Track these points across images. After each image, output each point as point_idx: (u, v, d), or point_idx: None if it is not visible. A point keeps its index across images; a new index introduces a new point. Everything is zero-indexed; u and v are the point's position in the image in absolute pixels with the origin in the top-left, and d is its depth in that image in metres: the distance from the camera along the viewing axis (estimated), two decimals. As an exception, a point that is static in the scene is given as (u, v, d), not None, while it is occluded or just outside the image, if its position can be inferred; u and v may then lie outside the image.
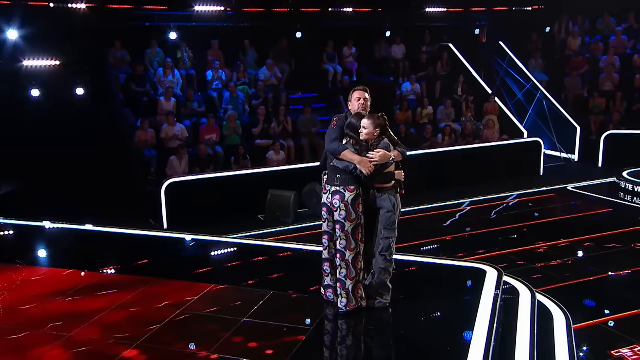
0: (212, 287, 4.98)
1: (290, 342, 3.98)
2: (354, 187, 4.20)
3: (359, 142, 4.25)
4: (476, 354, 3.78)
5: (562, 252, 6.81)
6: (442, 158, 10.23)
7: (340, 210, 4.20)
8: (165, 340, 4.09)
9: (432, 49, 13.90)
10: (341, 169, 4.22)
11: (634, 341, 4.62)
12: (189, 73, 11.42)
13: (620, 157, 10.90)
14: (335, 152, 4.22)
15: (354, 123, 4.29)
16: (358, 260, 4.27)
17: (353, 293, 4.28)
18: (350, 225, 4.20)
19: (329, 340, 4.22)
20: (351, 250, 4.23)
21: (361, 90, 4.50)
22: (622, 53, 13.58)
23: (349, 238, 4.22)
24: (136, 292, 4.90)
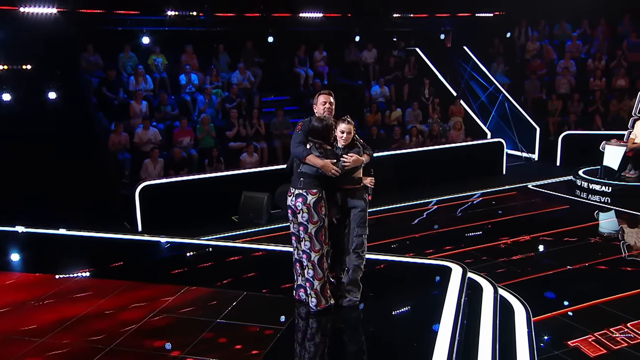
0: (186, 288, 4.93)
1: (263, 342, 3.97)
2: (316, 190, 4.19)
3: (322, 145, 4.25)
4: (441, 348, 3.83)
5: (523, 247, 6.93)
6: (410, 158, 10.32)
7: (303, 213, 4.20)
8: (140, 342, 4.03)
9: (401, 54, 14.04)
10: (306, 173, 4.21)
11: (588, 331, 4.75)
12: (162, 76, 11.28)
13: (576, 156, 11.14)
14: (300, 155, 4.22)
15: (317, 126, 4.26)
16: (324, 261, 4.27)
17: (322, 293, 4.29)
18: (313, 227, 4.20)
19: (301, 339, 4.22)
20: (316, 251, 4.24)
21: (326, 94, 4.49)
22: (577, 57, 13.94)
23: (312, 240, 4.22)
24: (110, 296, 4.82)
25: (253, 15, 12.19)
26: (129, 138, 9.72)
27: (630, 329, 4.77)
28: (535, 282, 5.93)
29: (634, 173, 9.50)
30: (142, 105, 10.26)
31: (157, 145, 9.59)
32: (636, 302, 5.33)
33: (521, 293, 5.28)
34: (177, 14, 11.05)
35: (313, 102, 4.56)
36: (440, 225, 8.14)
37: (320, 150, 4.22)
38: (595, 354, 4.43)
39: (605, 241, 7.50)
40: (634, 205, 8.68)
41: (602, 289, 5.61)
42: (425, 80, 13.22)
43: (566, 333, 4.77)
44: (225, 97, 11.23)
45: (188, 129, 10.14)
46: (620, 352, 4.44)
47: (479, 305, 4.75)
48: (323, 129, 4.26)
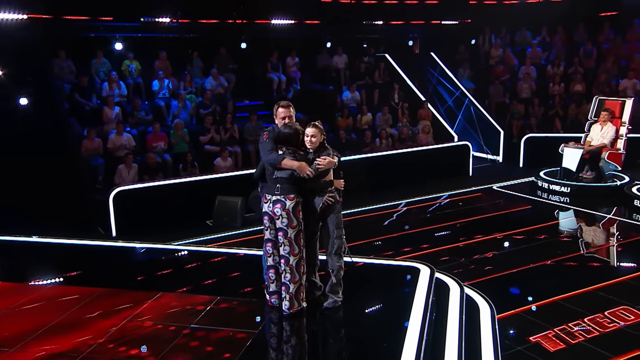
0: (160, 294, 4.87)
1: (236, 346, 3.95)
2: (293, 196, 4.22)
3: (295, 151, 4.25)
4: (410, 348, 3.88)
5: (487, 246, 7.02)
6: (381, 161, 10.38)
7: (282, 218, 4.21)
8: (114, 349, 3.96)
9: (371, 60, 14.15)
10: (282, 178, 4.22)
11: (548, 327, 4.86)
12: (136, 82, 11.12)
13: (538, 158, 11.32)
14: (275, 161, 4.20)
15: (287, 133, 4.25)
16: (301, 265, 4.29)
17: (296, 296, 4.30)
18: (292, 232, 4.22)
19: (274, 342, 4.21)
20: (295, 255, 4.25)
21: (286, 108, 4.43)
22: (537, 63, 14.26)
23: (292, 244, 4.24)
24: (83, 303, 4.73)
25: (227, 22, 12.13)
26: (103, 144, 9.55)
27: (587, 324, 4.90)
28: (499, 280, 6.00)
29: (591, 174, 9.75)
30: (115, 111, 10.09)
31: (131, 151, 9.45)
32: (593, 297, 5.47)
33: (486, 291, 5.38)
34: (150, 20, 10.90)
35: (273, 113, 4.53)
36: (409, 226, 8.20)
37: (294, 155, 4.22)
38: (555, 348, 4.54)
39: (564, 239, 7.68)
40: (590, 204, 8.92)
41: (562, 286, 5.72)
42: (395, 85, 13.37)
43: (528, 329, 4.86)
44: (199, 103, 11.14)
45: (162, 134, 10.01)
46: (578, 346, 4.56)
47: (446, 305, 4.83)
48: (293, 135, 4.26)
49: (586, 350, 4.50)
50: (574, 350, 4.51)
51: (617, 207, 8.79)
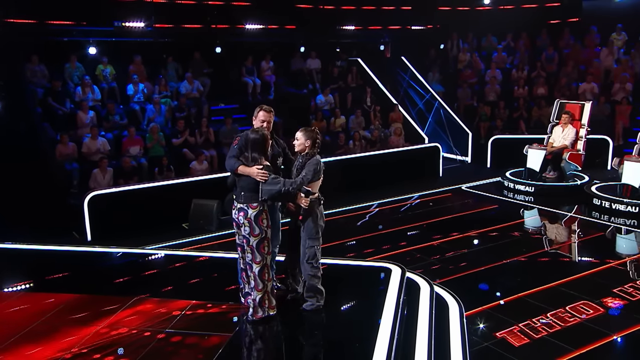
0: (135, 299, 4.81)
1: (211, 349, 3.92)
2: (256, 205, 4.17)
3: (260, 160, 4.19)
4: (381, 347, 3.91)
5: (456, 245, 7.11)
6: (354, 163, 10.39)
7: (245, 227, 4.19)
8: (90, 355, 3.89)
9: (344, 64, 14.20)
10: (245, 186, 4.16)
11: (513, 323, 4.96)
12: (110, 86, 10.93)
13: (504, 158, 11.47)
14: (232, 168, 4.22)
15: (253, 138, 4.19)
16: (265, 273, 4.25)
17: (260, 304, 4.27)
18: (254, 240, 4.18)
19: (248, 345, 4.20)
20: (257, 263, 4.22)
21: (268, 113, 4.48)
22: (502, 67, 14.54)
23: (254, 252, 4.21)
24: (59, 309, 4.63)
25: (201, 26, 12.03)
26: (77, 148, 9.35)
27: (549, 318, 5.03)
28: (468, 278, 6.09)
29: (553, 174, 9.99)
30: (90, 115, 9.90)
31: (106, 155, 9.27)
32: (555, 293, 5.60)
33: (455, 289, 5.45)
34: (124, 25, 10.72)
35: (253, 115, 4.54)
36: (381, 227, 8.22)
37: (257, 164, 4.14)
38: (520, 343, 4.64)
39: (529, 237, 7.84)
40: (553, 203, 9.13)
41: (527, 282, 5.84)
42: (367, 88, 13.44)
43: (494, 325, 4.95)
44: (174, 107, 11.01)
45: (137, 138, 9.86)
46: (541, 341, 4.67)
47: (417, 304, 4.88)
48: (259, 140, 4.20)
49: (549, 344, 4.62)
50: (537, 344, 4.62)
51: (578, 205, 9.00)
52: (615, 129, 12.30)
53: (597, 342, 4.64)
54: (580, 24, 15.02)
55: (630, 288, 5.67)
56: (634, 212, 8.24)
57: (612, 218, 8.29)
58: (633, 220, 8.09)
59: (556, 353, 4.46)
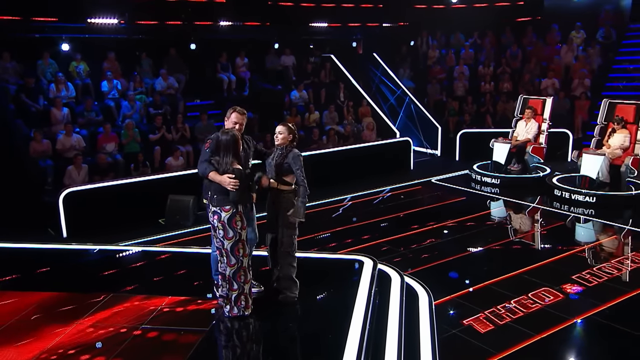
0: (111, 295, 4.73)
1: (186, 345, 3.89)
2: (229, 207, 4.10)
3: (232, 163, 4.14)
4: (354, 337, 3.95)
5: (426, 237, 7.19)
6: (328, 158, 10.37)
7: (219, 230, 4.14)
8: (64, 352, 3.82)
9: (317, 60, 14.16)
10: (218, 190, 4.10)
11: (479, 310, 5.06)
12: (84, 83, 10.66)
13: (472, 151, 11.63)
14: (203, 173, 4.17)
15: (224, 139, 4.12)
16: (240, 275, 4.19)
17: (235, 303, 4.24)
18: (228, 243, 4.13)
19: (223, 341, 4.18)
20: (231, 266, 4.16)
21: (240, 115, 4.41)
22: (470, 64, 14.73)
23: (228, 255, 4.16)
24: (32, 307, 4.52)
25: (175, 23, 11.82)
26: (51, 145, 9.11)
27: (513, 305, 5.15)
28: (437, 268, 6.15)
29: (517, 166, 10.20)
30: (64, 112, 9.65)
31: (81, 152, 9.06)
32: (518, 280, 5.72)
33: (424, 279, 5.53)
34: (97, 21, 10.45)
35: (226, 116, 4.47)
36: (353, 220, 8.23)
37: (227, 168, 4.09)
38: (485, 330, 4.74)
39: (495, 227, 8.00)
40: (517, 194, 9.32)
41: (492, 271, 5.94)
42: (340, 84, 13.45)
43: (462, 313, 5.04)
44: (149, 103, 10.81)
45: (112, 134, 9.66)
46: (505, 327, 4.78)
47: (388, 294, 4.93)
48: (230, 141, 4.13)
49: (512, 329, 4.72)
50: (501, 330, 4.72)
51: (540, 196, 9.20)
52: (575, 123, 12.62)
53: (557, 326, 4.76)
54: (542, 22, 15.31)
55: (587, 274, 5.84)
56: (592, 202, 8.48)
57: (572, 208, 8.51)
58: (591, 210, 8.32)
59: (519, 338, 4.57)
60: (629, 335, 4.63)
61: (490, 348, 4.42)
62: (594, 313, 5.00)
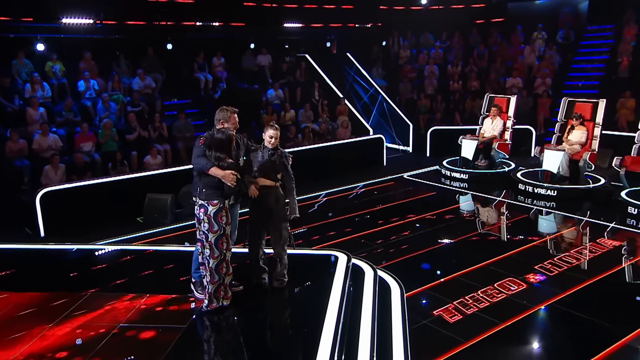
0: (89, 294, 4.63)
1: (165, 343, 3.84)
2: (217, 201, 4.12)
3: (225, 159, 4.15)
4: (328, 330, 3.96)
5: (398, 231, 7.24)
6: (304, 155, 10.29)
7: (204, 223, 4.13)
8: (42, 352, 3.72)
9: (293, 60, 14.10)
10: (207, 184, 4.10)
11: (448, 301, 5.13)
12: (60, 82, 10.37)
13: (442, 148, 11.75)
14: (203, 168, 4.13)
15: (220, 138, 4.14)
16: (221, 267, 4.20)
17: (215, 295, 4.23)
18: (213, 236, 4.13)
19: (201, 337, 4.14)
20: (214, 258, 4.17)
21: (233, 114, 4.44)
22: (439, 63, 14.88)
23: (212, 247, 4.15)
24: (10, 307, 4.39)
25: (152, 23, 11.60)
26: (28, 145, 8.84)
27: (479, 295, 5.24)
28: (409, 261, 6.21)
29: (484, 162, 10.36)
30: (39, 112, 9.37)
31: (58, 151, 8.82)
32: (485, 272, 5.82)
33: (396, 272, 5.57)
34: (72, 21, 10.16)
35: (221, 119, 4.42)
36: (329, 215, 8.23)
37: (223, 164, 4.12)
38: (454, 319, 4.81)
39: (463, 221, 8.11)
40: (485, 189, 9.48)
41: (461, 263, 6.02)
42: (315, 83, 13.41)
43: (432, 304, 5.10)
44: (127, 102, 10.59)
45: (90, 134, 9.44)
46: (472, 316, 4.86)
47: (361, 288, 4.95)
48: (225, 141, 4.17)
49: (479, 319, 4.81)
50: (468, 319, 4.80)
51: (506, 190, 9.37)
52: (537, 120, 12.90)
53: (520, 314, 4.87)
54: (506, 24, 15.57)
55: (549, 264, 5.99)
56: (553, 195, 8.69)
57: (535, 201, 8.70)
58: (552, 203, 8.53)
59: (485, 327, 4.66)
60: (587, 321, 4.76)
61: (459, 337, 4.50)
62: (555, 301, 5.13)
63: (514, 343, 4.52)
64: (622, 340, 4.41)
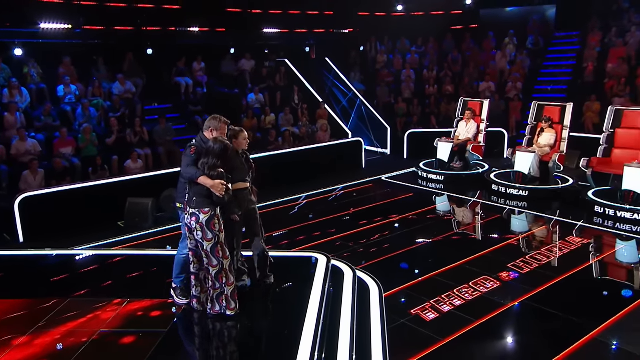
0: (69, 300, 4.53)
1: (145, 347, 3.77)
2: (208, 210, 4.05)
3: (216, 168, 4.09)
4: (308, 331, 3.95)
5: (377, 232, 7.26)
6: (284, 158, 10.31)
7: (197, 231, 4.06)
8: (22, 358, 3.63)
9: (272, 64, 14.07)
10: (198, 192, 4.05)
11: (426, 300, 5.18)
12: (39, 87, 10.13)
13: (419, 150, 11.82)
14: (193, 177, 4.09)
15: (219, 148, 4.11)
16: (222, 276, 4.13)
17: (217, 301, 4.19)
18: (208, 245, 4.07)
19: (182, 340, 4.09)
20: (213, 266, 4.11)
21: (224, 125, 4.39)
22: (415, 68, 15.04)
23: (209, 256, 4.09)
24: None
25: (131, 28, 11.44)
26: (6, 150, 8.62)
27: (455, 294, 5.29)
28: (387, 261, 6.22)
29: (459, 164, 10.49)
30: (17, 117, 9.14)
31: (37, 156, 8.62)
32: (461, 271, 5.88)
33: (375, 272, 5.59)
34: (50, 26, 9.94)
35: (211, 127, 4.36)
36: (309, 217, 8.21)
37: (214, 173, 4.07)
38: (431, 318, 4.86)
39: (440, 221, 8.18)
40: (460, 190, 9.59)
41: (438, 262, 6.06)
42: (295, 87, 13.42)
43: (410, 303, 5.13)
44: (107, 107, 10.41)
45: (69, 138, 9.26)
46: (449, 314, 4.91)
47: (341, 288, 4.96)
48: (224, 150, 4.13)
49: (455, 317, 4.86)
50: (445, 318, 4.84)
51: (480, 191, 9.50)
52: (509, 123, 13.13)
53: (494, 311, 4.94)
54: (478, 30, 15.83)
55: (521, 262, 6.09)
56: (525, 195, 8.85)
57: (507, 201, 8.85)
58: (524, 203, 8.68)
59: (461, 324, 4.71)
60: (557, 317, 4.86)
61: (436, 335, 4.53)
62: (527, 298, 5.22)
63: (488, 339, 4.58)
64: (590, 334, 4.51)
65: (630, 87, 11.98)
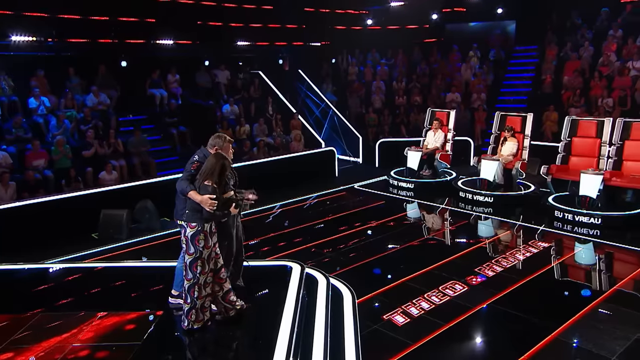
0: (39, 315, 4.37)
1: None
2: (195, 224, 4.02)
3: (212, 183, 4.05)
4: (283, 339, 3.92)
5: (349, 239, 7.29)
6: (259, 168, 10.24)
7: (183, 244, 4.05)
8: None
9: (247, 76, 14.03)
10: (189, 205, 4.03)
11: (397, 305, 5.21)
12: (10, 100, 9.82)
13: (389, 159, 11.92)
14: (183, 191, 4.10)
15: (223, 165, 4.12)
16: (193, 290, 4.06)
17: (186, 315, 4.12)
18: (188, 258, 4.03)
19: (157, 352, 4.00)
20: (188, 280, 4.06)
21: (229, 144, 4.47)
22: (385, 79, 15.24)
23: (186, 269, 4.05)
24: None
25: (105, 41, 11.23)
26: (-25, 163, 8.30)
27: (425, 299, 5.35)
28: (360, 268, 6.24)
29: (428, 172, 10.64)
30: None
31: (8, 169, 8.33)
32: (431, 276, 5.95)
33: (348, 279, 5.61)
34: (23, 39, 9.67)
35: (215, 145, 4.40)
36: (283, 226, 8.18)
37: (208, 187, 4.02)
38: (402, 323, 4.89)
39: (410, 227, 8.28)
40: (429, 197, 9.72)
41: (408, 268, 6.12)
42: (269, 98, 13.40)
43: (382, 309, 5.16)
44: (80, 119, 10.16)
45: (42, 151, 8.99)
46: (419, 319, 4.96)
47: (315, 296, 4.95)
48: (225, 166, 4.14)
49: (426, 321, 4.91)
50: (416, 322, 4.89)
51: (448, 198, 9.65)
52: (475, 132, 13.43)
53: (463, 315, 5.02)
54: (444, 43, 16.19)
55: (487, 266, 6.22)
56: (490, 201, 9.05)
57: (474, 207, 9.03)
58: (489, 209, 8.88)
59: (431, 328, 4.76)
60: (522, 319, 4.97)
61: (407, 339, 4.57)
62: (493, 301, 5.32)
63: (457, 342, 4.64)
64: (552, 334, 4.63)
65: (585, 98, 12.45)
